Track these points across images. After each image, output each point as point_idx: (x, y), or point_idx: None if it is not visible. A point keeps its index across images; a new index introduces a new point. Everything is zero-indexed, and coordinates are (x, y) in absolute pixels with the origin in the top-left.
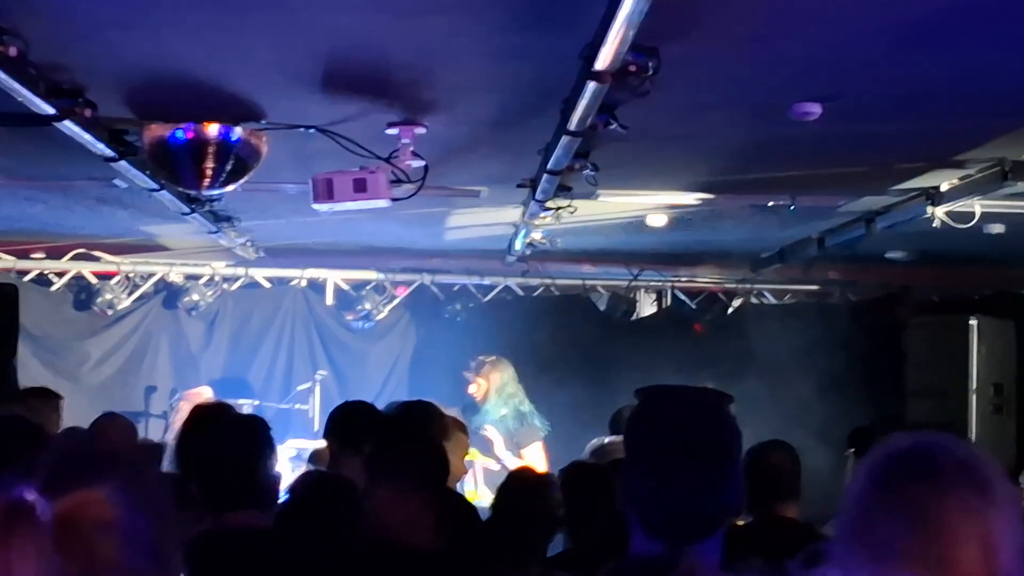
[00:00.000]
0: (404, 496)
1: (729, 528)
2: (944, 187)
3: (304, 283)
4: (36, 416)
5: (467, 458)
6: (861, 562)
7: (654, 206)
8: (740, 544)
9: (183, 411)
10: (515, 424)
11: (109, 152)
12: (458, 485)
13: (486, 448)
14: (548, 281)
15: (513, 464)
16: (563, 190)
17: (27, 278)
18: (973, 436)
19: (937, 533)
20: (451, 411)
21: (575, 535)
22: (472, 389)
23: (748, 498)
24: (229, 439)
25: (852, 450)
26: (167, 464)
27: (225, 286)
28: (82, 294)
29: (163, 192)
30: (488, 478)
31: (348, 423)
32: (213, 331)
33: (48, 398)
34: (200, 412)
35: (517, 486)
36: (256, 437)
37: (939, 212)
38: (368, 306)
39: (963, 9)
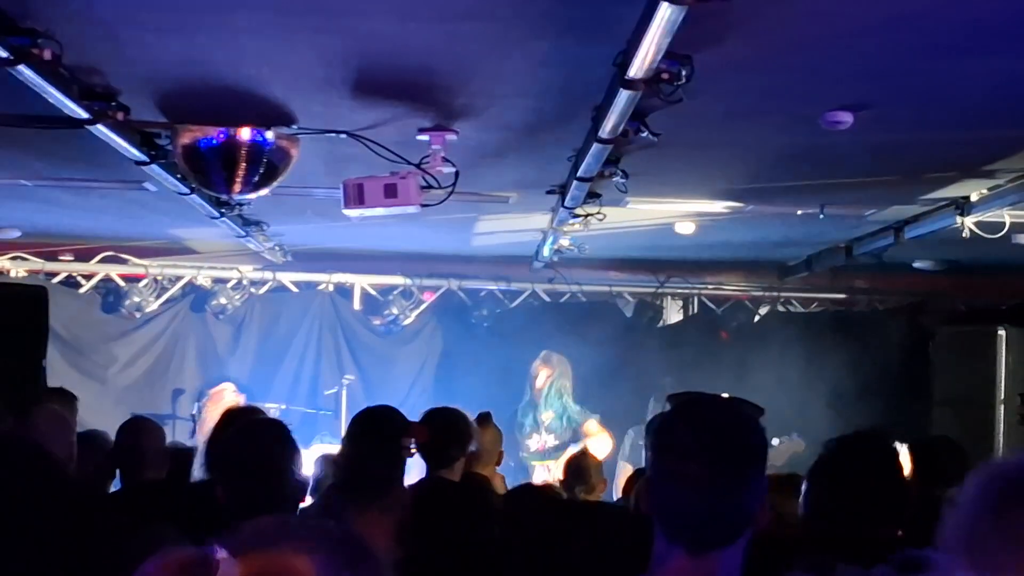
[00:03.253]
0: (359, 509)
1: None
2: (974, 197)
3: (331, 287)
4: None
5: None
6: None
7: (683, 213)
8: (817, 551)
9: (208, 410)
10: (564, 423)
11: (141, 156)
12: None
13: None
14: (575, 287)
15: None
16: (592, 197)
17: (55, 280)
18: (999, 445)
19: None
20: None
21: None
22: (540, 380)
23: (813, 510)
24: (252, 442)
25: None
26: (197, 469)
27: (253, 290)
28: (110, 296)
29: (193, 196)
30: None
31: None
32: (240, 335)
33: (68, 399)
34: (229, 415)
35: (523, 500)
36: (280, 440)
37: (968, 222)
38: (395, 311)
39: (995, 20)
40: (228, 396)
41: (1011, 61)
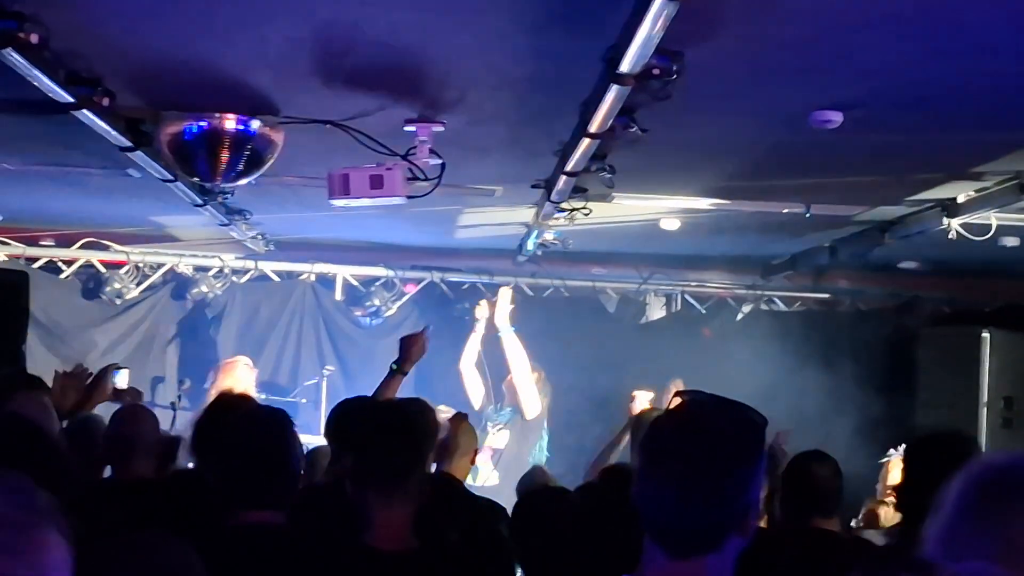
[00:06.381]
0: (384, 500)
1: (766, 539)
2: (961, 199)
3: (313, 278)
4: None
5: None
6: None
7: (668, 210)
8: (777, 555)
9: (218, 381)
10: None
11: (125, 142)
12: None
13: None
14: (558, 282)
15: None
16: (578, 191)
17: (36, 265)
18: (982, 449)
19: (1021, 552)
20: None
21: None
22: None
23: (787, 510)
24: (251, 432)
25: (886, 459)
26: (183, 457)
27: (234, 278)
28: (91, 283)
29: (177, 183)
30: (496, 459)
31: (347, 422)
32: (221, 323)
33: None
34: (221, 402)
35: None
36: (284, 429)
37: (955, 224)
38: (377, 302)
39: (987, 23)
40: (241, 367)
41: (1001, 64)
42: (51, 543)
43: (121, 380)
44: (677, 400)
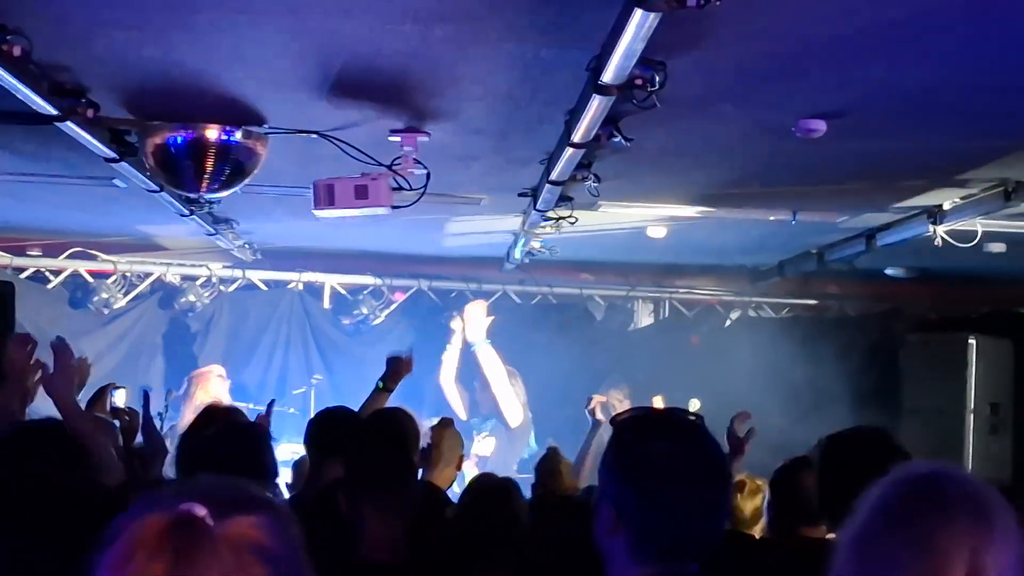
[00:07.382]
0: (379, 511)
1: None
2: (946, 205)
3: (301, 286)
4: None
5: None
6: None
7: (655, 218)
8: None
9: (191, 393)
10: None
11: (110, 153)
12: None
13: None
14: (546, 290)
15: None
16: (564, 200)
17: (23, 275)
18: (969, 455)
19: (934, 559)
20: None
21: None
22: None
23: (775, 519)
24: (229, 446)
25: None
26: (168, 467)
27: (222, 287)
28: (78, 292)
29: (162, 193)
30: (482, 466)
31: (327, 431)
32: (209, 333)
33: None
34: (206, 416)
35: (481, 490)
36: (260, 445)
37: (940, 230)
38: (365, 310)
39: (971, 30)
40: (214, 380)
41: (986, 71)
42: None
43: (119, 399)
44: (622, 418)
